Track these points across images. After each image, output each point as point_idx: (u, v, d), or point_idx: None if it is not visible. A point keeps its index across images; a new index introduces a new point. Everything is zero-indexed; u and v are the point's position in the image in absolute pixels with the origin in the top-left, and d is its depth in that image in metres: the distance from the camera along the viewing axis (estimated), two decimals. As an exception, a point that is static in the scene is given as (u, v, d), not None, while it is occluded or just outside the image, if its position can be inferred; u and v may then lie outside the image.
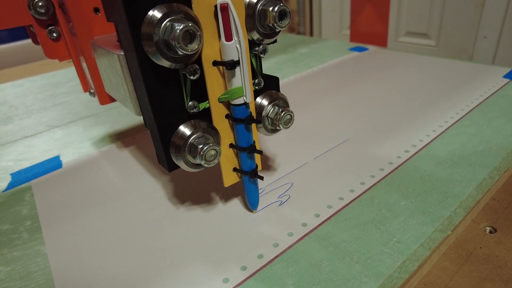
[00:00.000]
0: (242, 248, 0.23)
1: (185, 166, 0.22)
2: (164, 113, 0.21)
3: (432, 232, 0.24)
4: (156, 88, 0.20)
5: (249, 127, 0.23)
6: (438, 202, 0.26)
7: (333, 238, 0.24)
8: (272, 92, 0.25)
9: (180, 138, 0.21)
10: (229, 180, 0.25)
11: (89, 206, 0.30)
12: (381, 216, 0.25)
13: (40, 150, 0.41)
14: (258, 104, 0.24)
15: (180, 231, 0.26)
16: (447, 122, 0.37)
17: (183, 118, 0.22)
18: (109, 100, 0.30)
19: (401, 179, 0.29)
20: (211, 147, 0.20)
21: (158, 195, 0.30)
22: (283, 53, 0.67)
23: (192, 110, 0.21)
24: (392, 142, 0.34)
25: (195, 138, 0.21)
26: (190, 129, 0.21)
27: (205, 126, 0.22)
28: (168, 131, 0.21)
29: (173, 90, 0.21)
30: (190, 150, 0.21)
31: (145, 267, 0.23)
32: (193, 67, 0.20)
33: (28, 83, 0.69)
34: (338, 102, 0.44)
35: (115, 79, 0.24)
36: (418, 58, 0.56)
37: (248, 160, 0.24)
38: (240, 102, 0.22)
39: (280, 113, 0.24)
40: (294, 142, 0.36)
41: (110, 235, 0.26)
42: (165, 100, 0.21)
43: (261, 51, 0.22)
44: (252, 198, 0.26)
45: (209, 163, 0.21)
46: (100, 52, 0.25)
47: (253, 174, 0.24)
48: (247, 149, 0.23)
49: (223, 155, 0.24)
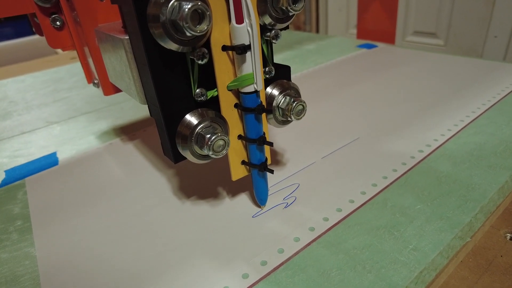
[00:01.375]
0: (244, 253, 0.22)
1: (192, 157, 0.21)
2: (170, 100, 0.20)
3: (451, 239, 0.22)
4: (162, 73, 0.19)
5: (259, 117, 0.22)
6: (457, 206, 0.24)
7: (343, 244, 0.22)
8: (283, 82, 0.23)
9: (186, 127, 0.20)
10: (237, 173, 0.23)
11: (85, 205, 0.28)
12: (395, 220, 0.23)
13: (37, 147, 0.40)
14: (269, 94, 0.23)
15: (180, 231, 0.24)
16: (463, 121, 0.35)
17: (190, 106, 0.20)
18: (113, 90, 0.29)
19: (416, 181, 0.27)
20: (219, 137, 0.19)
21: (160, 190, 0.28)
22: (289, 49, 0.65)
23: (200, 98, 0.20)
24: (405, 141, 0.32)
25: (203, 128, 0.20)
26: (197, 118, 0.20)
27: (213, 115, 0.21)
28: (174, 120, 0.20)
29: (180, 76, 0.20)
30: (197, 140, 0.20)
31: (140, 271, 0.21)
32: (202, 51, 0.19)
33: (30, 79, 0.68)
34: (347, 100, 0.42)
35: (120, 66, 0.23)
36: (428, 55, 0.54)
37: (258, 153, 0.23)
38: (250, 90, 0.20)
39: (291, 103, 0.22)
40: (301, 140, 0.34)
41: (106, 236, 0.24)
42: (171, 87, 0.19)
43: (273, 36, 0.21)
44: (261, 193, 0.25)
45: (217, 154, 0.19)
46: (104, 38, 0.24)
47: (262, 168, 0.23)
48: (257, 140, 0.22)
49: (231, 147, 0.22)
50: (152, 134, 0.39)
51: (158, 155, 0.34)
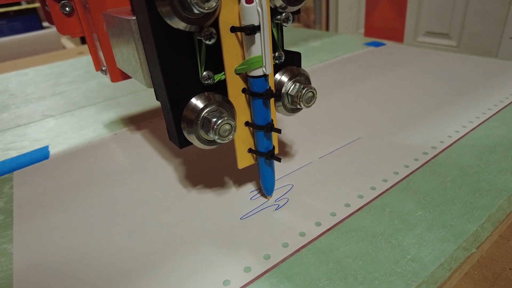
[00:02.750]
0: (227, 257, 0.20)
1: (198, 142, 0.20)
2: (176, 83, 0.19)
3: (454, 250, 0.20)
4: (169, 54, 0.18)
5: (267, 103, 0.21)
6: (462, 214, 0.22)
7: (335, 252, 0.20)
8: (293, 68, 0.22)
9: (192, 111, 0.19)
10: (244, 161, 0.23)
11: (71, 201, 0.27)
12: (393, 228, 0.22)
13: (30, 140, 0.39)
14: (278, 80, 0.22)
15: (160, 232, 0.23)
16: (472, 123, 0.33)
17: (196, 89, 0.20)
18: (120, 77, 0.29)
19: (418, 185, 0.25)
20: (226, 121, 0.19)
21: (144, 187, 0.27)
22: (294, 46, 0.63)
23: (207, 82, 0.20)
24: (408, 143, 0.30)
25: (209, 112, 0.19)
26: (204, 101, 0.19)
27: (220, 99, 0.20)
28: (180, 103, 0.19)
29: (187, 58, 0.19)
30: (203, 124, 0.19)
31: (131, 269, 0.20)
32: (209, 31, 0.18)
33: (33, 72, 0.68)
34: (351, 98, 0.40)
35: (127, 49, 0.22)
36: (439, 54, 0.51)
37: (265, 140, 0.22)
38: (258, 74, 0.19)
39: (301, 90, 0.21)
40: (298, 139, 0.33)
41: (88, 234, 0.23)
42: (178, 68, 0.19)
43: (284, 19, 0.20)
44: (267, 183, 0.24)
45: (223, 138, 0.19)
46: (112, 21, 0.23)
47: (269, 156, 0.22)
48: (264, 127, 0.21)
49: (238, 134, 0.22)
50: (147, 130, 0.38)
51: (153, 151, 0.33)
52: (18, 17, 1.28)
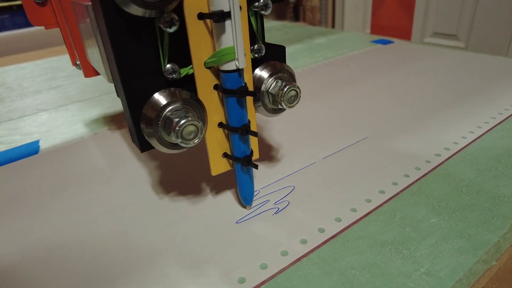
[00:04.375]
0: (220, 266, 0.18)
1: (159, 145, 0.17)
2: (134, 76, 0.17)
3: (474, 263, 0.18)
4: (125, 44, 0.16)
5: (243, 102, 0.18)
6: (481, 222, 0.20)
7: (340, 262, 0.18)
8: (275, 63, 0.20)
9: (153, 108, 0.17)
10: (218, 167, 0.20)
11: (54, 200, 0.25)
12: (404, 236, 0.20)
13: (21, 134, 0.37)
14: (257, 76, 0.20)
15: (150, 235, 0.21)
16: (488, 123, 0.30)
17: (159, 84, 0.17)
18: (93, 72, 0.27)
19: (431, 189, 0.23)
20: (190, 122, 0.16)
21: (136, 185, 0.25)
22: (298, 43, 0.61)
23: (171, 76, 0.17)
24: (419, 143, 0.28)
25: (172, 110, 0.17)
26: (167, 97, 0.17)
27: (187, 96, 0.17)
28: (139, 99, 0.17)
29: (147, 48, 0.17)
30: (165, 125, 0.17)
31: (115, 274, 0.18)
32: (170, 17, 0.15)
33: (31, 66, 0.66)
34: (357, 96, 0.38)
35: (90, 40, 0.20)
36: (448, 52, 0.49)
37: (241, 144, 0.19)
38: (231, 68, 0.17)
39: (283, 88, 0.19)
40: (301, 137, 0.30)
41: (66, 237, 0.21)
42: (137, 60, 0.17)
43: (262, 6, 0.17)
44: (245, 192, 0.21)
45: (187, 142, 0.17)
46: (77, 9, 0.21)
47: (246, 162, 0.20)
48: (239, 129, 0.19)
49: (211, 137, 0.19)
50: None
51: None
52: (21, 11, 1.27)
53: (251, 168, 0.21)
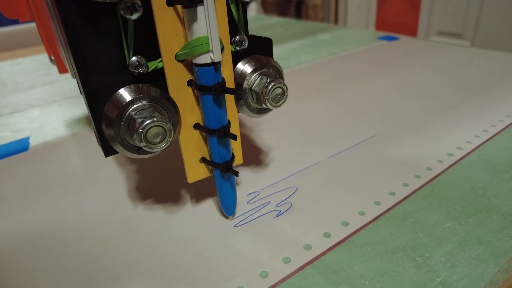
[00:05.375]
0: (215, 274, 0.17)
1: (122, 149, 0.15)
2: (95, 71, 0.15)
3: (495, 273, 0.16)
4: (83, 34, 0.14)
5: (220, 100, 0.16)
6: (501, 227, 0.18)
7: (347, 270, 0.17)
8: (260, 57, 0.18)
9: (114, 107, 0.15)
10: (195, 174, 0.18)
11: (43, 198, 0.24)
12: (417, 242, 0.18)
13: (11, 130, 0.36)
14: (239, 72, 0.17)
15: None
16: (503, 122, 0.29)
17: (124, 80, 0.15)
18: (66, 68, 0.25)
19: (444, 191, 0.21)
20: (156, 123, 0.14)
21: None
22: (301, 39, 0.60)
23: (138, 70, 0.15)
24: (431, 142, 0.26)
25: (137, 109, 0.15)
26: (132, 94, 0.15)
27: (156, 94, 0.15)
28: (101, 97, 0.15)
29: (110, 39, 0.15)
30: (129, 126, 0.15)
31: (105, 278, 0.17)
32: (131, 1, 0.13)
33: (27, 61, 0.65)
34: (364, 92, 0.36)
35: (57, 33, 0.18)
36: (455, 48, 0.48)
37: (219, 148, 0.17)
38: (205, 62, 0.15)
39: (267, 85, 0.17)
40: (305, 135, 0.29)
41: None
42: (97, 52, 0.15)
43: None
44: (226, 201, 0.19)
45: (152, 146, 0.15)
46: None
47: (225, 168, 0.18)
48: (217, 131, 0.17)
49: (187, 139, 0.17)
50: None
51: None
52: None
53: (233, 176, 0.19)
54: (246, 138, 0.29)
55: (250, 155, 0.27)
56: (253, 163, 0.25)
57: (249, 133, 0.30)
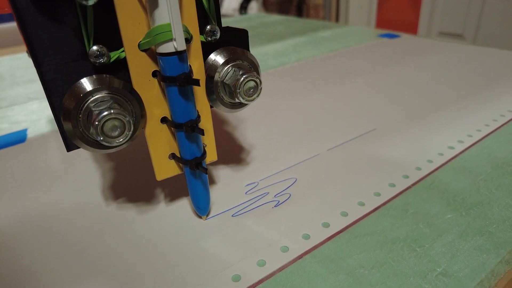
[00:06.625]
0: (214, 262, 0.16)
1: (82, 143, 0.15)
2: (52, 61, 0.14)
3: (496, 263, 0.16)
4: (38, 21, 0.13)
5: (187, 92, 0.16)
6: (503, 219, 0.18)
7: (347, 260, 0.16)
8: (234, 49, 0.17)
9: (72, 97, 0.14)
10: (164, 171, 0.18)
11: (36, 189, 0.23)
12: (418, 232, 0.18)
13: (9, 122, 0.36)
14: (210, 63, 0.17)
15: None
16: (504, 116, 0.28)
17: (85, 71, 0.15)
18: None
19: (445, 183, 0.21)
20: (113, 115, 0.13)
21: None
22: (302, 35, 0.59)
23: (98, 60, 0.14)
24: (431, 135, 0.26)
25: (96, 101, 0.14)
26: (92, 84, 0.14)
27: (118, 85, 0.15)
28: (59, 86, 0.14)
29: (68, 27, 0.14)
30: (87, 118, 0.14)
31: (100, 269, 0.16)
32: None
33: (26, 57, 0.65)
34: (365, 87, 0.36)
35: None
36: (456, 46, 0.47)
37: (188, 144, 0.17)
38: (168, 51, 0.14)
39: (239, 78, 0.16)
40: (304, 128, 0.29)
41: (55, 231, 0.20)
42: (54, 41, 0.14)
43: None
44: (197, 200, 0.19)
45: (109, 140, 0.14)
46: None
47: (194, 165, 0.17)
48: (183, 126, 0.16)
49: (153, 134, 0.16)
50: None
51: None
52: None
53: (205, 174, 0.18)
54: (246, 131, 0.29)
55: (250, 148, 0.26)
56: (253, 155, 0.25)
57: (249, 126, 0.30)
